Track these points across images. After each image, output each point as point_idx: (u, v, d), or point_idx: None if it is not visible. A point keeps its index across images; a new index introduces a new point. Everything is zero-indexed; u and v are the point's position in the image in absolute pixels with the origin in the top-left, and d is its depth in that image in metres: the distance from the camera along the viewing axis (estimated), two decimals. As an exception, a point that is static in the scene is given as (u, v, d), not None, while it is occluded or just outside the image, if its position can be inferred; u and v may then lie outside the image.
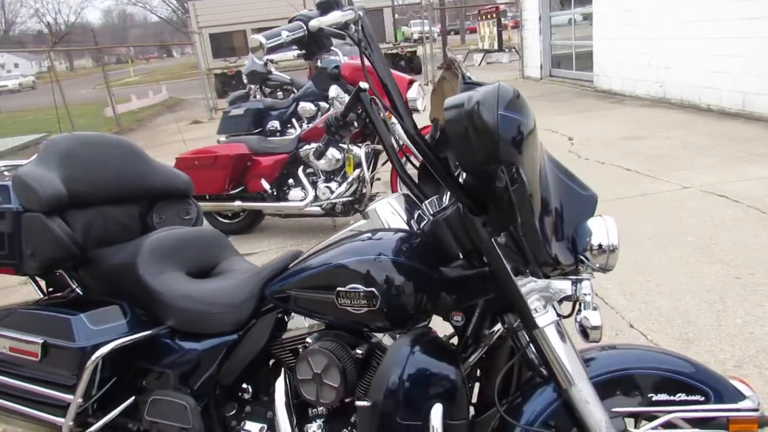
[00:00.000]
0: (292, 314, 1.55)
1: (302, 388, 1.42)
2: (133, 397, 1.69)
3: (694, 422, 1.28)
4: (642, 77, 8.66)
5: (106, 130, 11.83)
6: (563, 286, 1.23)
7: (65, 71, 52.72)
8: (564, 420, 1.28)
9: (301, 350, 1.51)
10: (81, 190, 1.82)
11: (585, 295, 1.20)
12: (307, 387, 1.41)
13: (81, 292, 1.87)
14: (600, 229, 1.19)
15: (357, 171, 4.14)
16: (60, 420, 1.62)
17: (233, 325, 1.59)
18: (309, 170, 4.26)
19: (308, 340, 1.49)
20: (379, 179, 4.40)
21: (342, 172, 4.17)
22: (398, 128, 1.37)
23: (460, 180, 1.25)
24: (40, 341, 1.63)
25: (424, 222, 1.38)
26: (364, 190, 4.10)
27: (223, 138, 5.09)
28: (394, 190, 4.14)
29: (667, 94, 8.15)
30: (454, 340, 1.42)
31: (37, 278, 1.98)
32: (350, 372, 1.36)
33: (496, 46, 17.89)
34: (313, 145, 4.21)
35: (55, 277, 1.94)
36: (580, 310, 1.20)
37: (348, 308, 1.35)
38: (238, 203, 4.33)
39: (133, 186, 1.98)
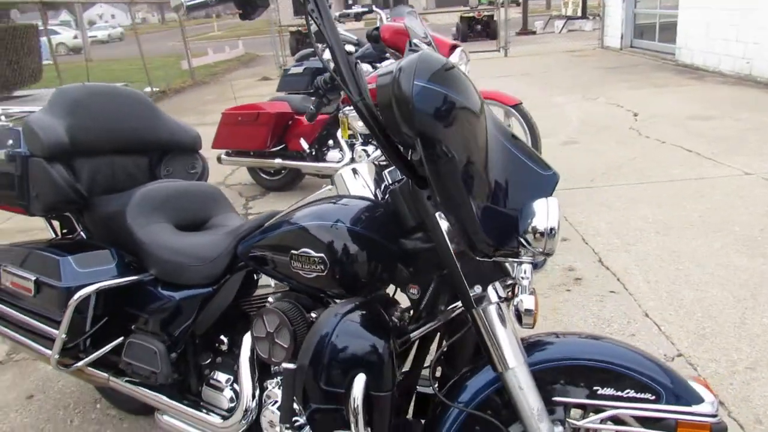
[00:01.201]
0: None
1: (257, 346, 1.45)
2: (122, 338, 1.78)
3: (642, 420, 1.22)
4: (727, 52, 8.03)
5: (180, 82, 12.25)
6: (505, 268, 1.19)
7: (157, 23, 54.73)
8: (500, 405, 1.26)
9: None
10: (87, 138, 1.90)
11: (523, 278, 1.15)
12: (261, 345, 1.44)
13: (85, 236, 1.98)
14: (542, 212, 1.13)
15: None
16: (48, 352, 1.73)
17: (208, 278, 1.64)
18: (349, 132, 4.25)
19: (270, 299, 1.52)
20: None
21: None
22: None
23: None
24: (33, 278, 1.74)
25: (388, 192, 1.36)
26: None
27: (282, 96, 5.15)
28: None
29: (753, 72, 7.53)
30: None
31: (52, 220, 2.10)
32: (301, 334, 1.37)
33: (579, 13, 17.06)
34: (354, 107, 4.19)
35: (68, 220, 2.05)
36: (518, 294, 1.16)
37: (300, 271, 1.36)
38: (278, 161, 4.40)
39: (141, 137, 2.05)
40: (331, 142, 4.31)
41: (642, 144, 5.15)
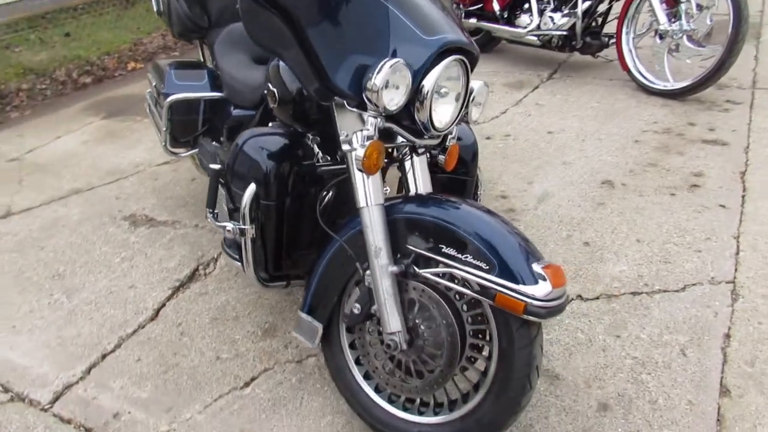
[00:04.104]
0: None
1: None
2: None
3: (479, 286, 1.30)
4: None
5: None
6: (364, 119, 1.32)
7: None
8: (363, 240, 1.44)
9: None
10: None
11: (363, 130, 1.29)
12: None
13: (210, 59, 2.52)
14: (378, 69, 1.21)
15: (587, 4, 3.79)
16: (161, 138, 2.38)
17: (252, 102, 2.04)
18: (543, -5, 4.04)
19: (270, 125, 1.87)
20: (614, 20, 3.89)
21: (572, 2, 3.86)
22: None
23: None
24: (154, 83, 2.35)
25: None
26: (582, 26, 3.78)
27: None
28: (618, 35, 3.70)
29: None
30: None
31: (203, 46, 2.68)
32: None
33: None
34: (552, -31, 3.94)
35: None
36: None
37: (269, 102, 1.67)
38: (472, 21, 4.43)
39: None
40: (526, 5, 4.16)
41: None
